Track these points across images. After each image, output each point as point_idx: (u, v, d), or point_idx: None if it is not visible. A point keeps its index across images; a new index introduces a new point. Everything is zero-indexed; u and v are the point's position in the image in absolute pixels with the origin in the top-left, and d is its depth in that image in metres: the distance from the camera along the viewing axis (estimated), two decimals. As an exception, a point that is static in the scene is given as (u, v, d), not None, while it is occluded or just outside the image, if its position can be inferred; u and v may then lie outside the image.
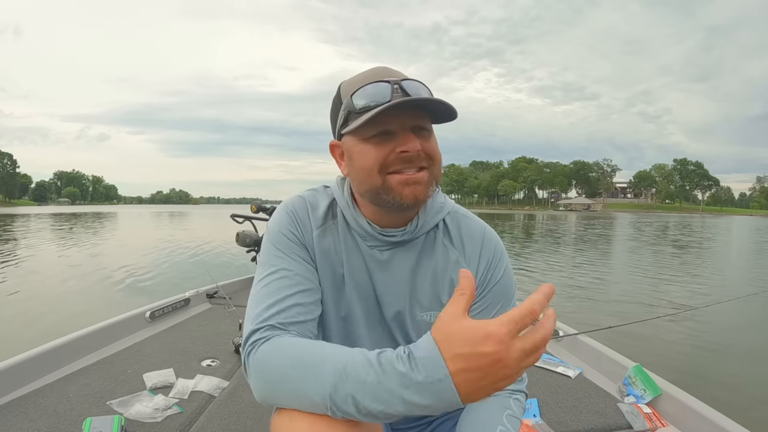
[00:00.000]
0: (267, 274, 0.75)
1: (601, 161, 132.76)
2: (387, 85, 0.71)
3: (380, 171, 0.73)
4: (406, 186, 0.72)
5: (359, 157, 0.74)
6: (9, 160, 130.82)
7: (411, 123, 0.72)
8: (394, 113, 0.70)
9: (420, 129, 0.73)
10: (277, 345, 0.65)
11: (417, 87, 0.73)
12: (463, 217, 0.87)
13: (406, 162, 0.72)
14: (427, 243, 0.84)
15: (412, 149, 0.71)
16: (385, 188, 0.73)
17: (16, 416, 1.45)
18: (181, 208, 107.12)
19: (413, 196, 0.73)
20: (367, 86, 0.72)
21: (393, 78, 0.73)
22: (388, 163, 0.72)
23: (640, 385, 1.71)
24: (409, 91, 0.71)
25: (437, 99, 0.71)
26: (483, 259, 0.83)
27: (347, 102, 0.74)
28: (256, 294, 0.73)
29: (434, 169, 0.75)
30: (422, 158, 0.73)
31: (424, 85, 0.75)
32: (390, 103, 0.68)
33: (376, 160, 0.72)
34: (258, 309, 0.70)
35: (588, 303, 5.55)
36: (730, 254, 13.03)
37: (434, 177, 0.75)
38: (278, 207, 0.85)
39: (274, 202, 3.24)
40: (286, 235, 0.79)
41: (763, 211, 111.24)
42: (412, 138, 0.71)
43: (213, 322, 2.65)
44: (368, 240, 0.82)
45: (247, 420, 1.53)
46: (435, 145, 0.75)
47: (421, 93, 0.72)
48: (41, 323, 4.34)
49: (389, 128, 0.72)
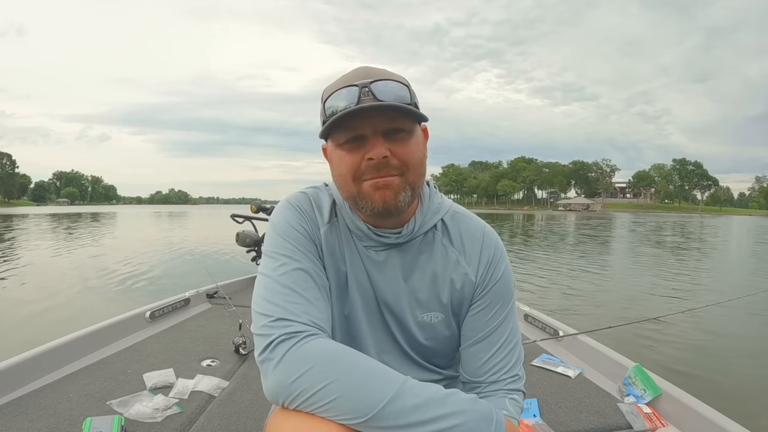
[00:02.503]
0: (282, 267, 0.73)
1: (601, 161, 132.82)
2: (355, 89, 0.70)
3: (354, 179, 0.73)
4: (376, 190, 0.72)
5: (337, 164, 0.75)
6: (8, 161, 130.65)
7: (384, 126, 0.70)
8: (365, 116, 0.70)
9: (394, 132, 0.71)
10: (325, 344, 0.65)
11: (388, 88, 0.71)
12: (463, 216, 0.87)
13: (374, 170, 0.71)
14: (425, 243, 0.83)
15: (377, 156, 0.70)
16: (360, 195, 0.74)
17: (16, 416, 1.45)
18: (181, 208, 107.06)
19: (382, 200, 0.72)
20: (339, 91, 0.71)
21: (367, 80, 0.71)
22: (361, 171, 0.72)
23: (640, 385, 1.71)
24: (378, 93, 0.69)
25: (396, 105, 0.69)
26: (483, 259, 0.83)
27: (321, 107, 0.75)
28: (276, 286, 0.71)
29: (408, 176, 0.73)
30: (392, 165, 0.71)
31: (403, 83, 0.73)
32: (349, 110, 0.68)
33: (349, 167, 0.72)
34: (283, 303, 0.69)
35: (588, 303, 5.56)
36: (730, 254, 13.04)
37: (408, 183, 0.73)
38: (281, 202, 0.84)
39: (273, 202, 3.24)
40: (297, 229, 0.78)
41: (762, 211, 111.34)
42: (379, 144, 0.70)
43: (213, 322, 2.64)
44: (365, 240, 0.82)
45: (247, 420, 1.53)
46: (412, 148, 0.73)
47: (390, 95, 0.70)
48: (41, 323, 4.34)
49: (361, 132, 0.71)
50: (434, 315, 0.83)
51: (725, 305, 4.27)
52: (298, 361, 0.63)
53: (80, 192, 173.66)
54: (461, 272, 0.82)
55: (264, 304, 0.70)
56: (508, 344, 0.82)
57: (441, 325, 0.84)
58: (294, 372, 0.62)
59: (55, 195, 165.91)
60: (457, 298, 0.83)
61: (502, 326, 0.82)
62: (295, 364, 0.62)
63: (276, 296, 0.70)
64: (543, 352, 2.19)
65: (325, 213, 0.82)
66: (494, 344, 0.81)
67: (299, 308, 0.68)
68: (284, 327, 0.66)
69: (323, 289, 0.76)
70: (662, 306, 5.37)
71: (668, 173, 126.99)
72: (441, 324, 0.84)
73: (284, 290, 0.70)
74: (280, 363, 0.63)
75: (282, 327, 0.66)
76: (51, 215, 37.91)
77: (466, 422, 0.61)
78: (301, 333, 0.65)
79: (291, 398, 0.62)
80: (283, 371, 0.63)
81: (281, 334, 0.65)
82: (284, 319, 0.66)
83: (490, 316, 0.82)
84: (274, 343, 0.65)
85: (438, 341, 0.85)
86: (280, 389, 0.63)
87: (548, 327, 2.42)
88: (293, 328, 0.65)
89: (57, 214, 39.81)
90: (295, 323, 0.66)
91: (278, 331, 0.65)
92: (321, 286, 0.75)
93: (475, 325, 0.82)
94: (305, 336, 0.65)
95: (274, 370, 0.63)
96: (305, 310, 0.69)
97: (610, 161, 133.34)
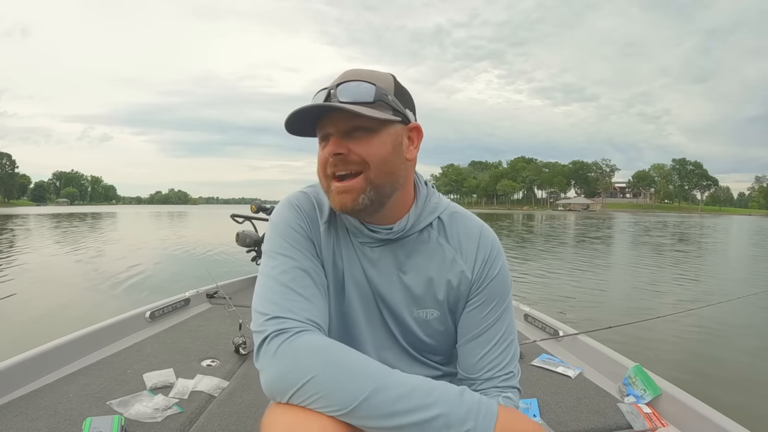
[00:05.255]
0: (281, 266, 0.76)
1: (600, 161, 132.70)
2: (324, 92, 0.74)
3: (324, 175, 0.78)
4: (337, 194, 0.75)
5: (318, 161, 0.79)
6: (8, 161, 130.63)
7: (343, 126, 0.74)
8: (329, 118, 0.74)
9: (354, 130, 0.73)
10: (316, 339, 0.67)
11: (350, 89, 0.73)
12: (461, 216, 0.88)
13: (333, 166, 0.75)
14: (421, 242, 0.84)
15: (329, 153, 0.74)
16: (329, 192, 0.78)
17: (16, 416, 1.45)
18: (180, 208, 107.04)
19: (340, 204, 0.76)
20: (318, 93, 0.76)
21: (340, 81, 0.74)
22: (327, 168, 0.76)
23: (640, 385, 1.71)
24: (341, 95, 0.72)
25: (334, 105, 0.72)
26: (479, 257, 0.84)
27: None
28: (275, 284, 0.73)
29: (369, 174, 0.74)
30: (351, 161, 0.74)
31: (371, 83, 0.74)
32: (297, 109, 0.72)
33: (321, 164, 0.77)
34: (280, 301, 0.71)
35: (588, 303, 5.55)
36: (730, 254, 13.04)
37: (370, 182, 0.74)
38: (281, 201, 0.86)
39: (273, 202, 3.25)
40: (295, 230, 0.80)
41: (762, 211, 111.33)
42: (335, 141, 0.74)
43: (213, 322, 2.64)
44: (359, 236, 0.83)
45: (247, 420, 1.53)
46: (374, 147, 0.74)
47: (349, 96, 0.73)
48: (41, 323, 4.33)
49: (326, 132, 0.76)
50: (430, 312, 0.84)
51: (725, 305, 4.28)
52: (289, 355, 0.65)
53: (80, 192, 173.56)
54: (457, 270, 0.83)
55: (262, 302, 0.72)
56: (503, 341, 0.83)
57: (437, 322, 0.85)
58: (286, 366, 0.64)
59: (55, 195, 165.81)
60: (453, 295, 0.84)
61: (498, 323, 0.83)
62: (287, 357, 0.65)
63: (274, 295, 0.72)
64: (543, 352, 2.19)
65: (325, 211, 0.84)
66: (489, 341, 0.82)
67: (296, 306, 0.71)
68: (279, 323, 0.68)
69: (321, 287, 0.78)
70: (662, 306, 5.37)
71: (668, 173, 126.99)
72: (437, 321, 0.85)
73: (282, 289, 0.72)
74: (273, 358, 0.66)
75: (276, 324, 0.68)
76: (51, 215, 37.88)
77: (450, 412, 0.62)
78: (294, 329, 0.67)
79: (284, 392, 0.64)
80: (277, 366, 0.65)
81: (275, 330, 0.67)
82: (280, 317, 0.69)
83: (486, 313, 0.83)
84: (268, 339, 0.67)
85: (435, 338, 0.87)
86: (274, 383, 0.65)
87: (548, 327, 2.42)
88: (287, 324, 0.68)
89: (57, 214, 39.79)
90: (289, 320, 0.68)
91: (272, 327, 0.68)
92: (319, 284, 0.77)
93: (471, 322, 0.84)
94: (298, 331, 0.67)
95: (269, 365, 0.66)
96: (302, 307, 0.71)
97: (610, 161, 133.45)
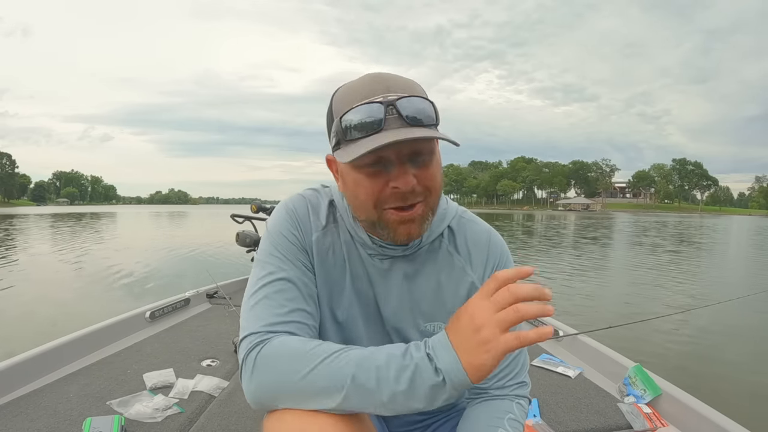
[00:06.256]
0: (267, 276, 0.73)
1: (600, 161, 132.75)
2: (380, 108, 0.64)
3: (375, 206, 0.69)
4: (400, 224, 0.70)
5: (353, 187, 0.70)
6: (8, 161, 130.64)
7: (408, 150, 0.66)
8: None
9: (417, 155, 0.67)
10: (287, 340, 0.65)
11: (414, 106, 0.66)
12: (469, 222, 0.85)
13: (400, 199, 0.68)
14: (431, 251, 0.82)
15: (404, 186, 0.66)
16: (381, 223, 0.71)
17: (16, 416, 1.45)
18: (180, 208, 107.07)
19: (407, 234, 0.71)
20: (359, 107, 0.65)
21: (387, 95, 0.66)
22: (383, 199, 0.68)
23: (640, 385, 1.71)
24: (403, 111, 0.64)
25: (434, 136, 0.65)
26: (489, 265, 0.82)
27: (337, 125, 0.68)
28: (257, 297, 0.71)
29: (430, 200, 0.71)
30: (416, 192, 0.68)
31: (424, 97, 0.68)
32: (380, 146, 0.62)
33: (370, 195, 0.68)
34: (261, 313, 0.69)
35: (588, 303, 5.56)
36: (729, 254, 13.04)
37: (430, 208, 0.72)
38: (278, 205, 0.83)
39: (273, 202, 3.24)
40: (287, 237, 0.77)
41: (762, 211, 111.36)
42: (406, 172, 0.66)
43: (213, 322, 2.64)
44: (368, 249, 0.80)
45: (247, 420, 1.53)
46: (435, 171, 0.70)
47: (417, 113, 0.65)
48: (41, 323, 4.34)
49: (383, 156, 0.65)
50: (437, 325, 0.81)
51: (725, 305, 4.27)
52: (262, 367, 0.63)
53: (80, 192, 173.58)
54: (467, 280, 0.81)
55: (245, 315, 0.70)
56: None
57: None
58: (260, 378, 0.62)
59: (55, 195, 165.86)
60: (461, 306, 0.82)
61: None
62: (260, 370, 0.62)
63: (256, 307, 0.70)
64: (543, 352, 2.19)
65: (322, 217, 0.80)
66: None
67: (275, 318, 0.68)
68: (254, 338, 0.66)
69: (309, 297, 0.75)
70: (662, 306, 5.37)
71: (668, 173, 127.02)
72: None
73: (264, 300, 0.70)
74: (252, 374, 0.63)
75: (252, 339, 0.66)
76: (51, 215, 37.88)
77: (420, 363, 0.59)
78: (264, 341, 0.65)
79: (268, 404, 0.63)
80: (253, 382, 0.63)
81: (253, 344, 0.65)
82: (259, 332, 0.66)
83: None
84: (245, 356, 0.65)
85: None
86: (256, 399, 0.63)
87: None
88: (260, 337, 0.65)
89: (56, 214, 39.79)
90: (263, 333, 0.66)
91: (248, 344, 0.65)
92: (306, 295, 0.74)
93: None
94: (266, 341, 0.65)
95: (248, 384, 0.64)
96: (284, 320, 0.68)
97: (610, 161, 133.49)
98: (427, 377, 0.57)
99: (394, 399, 0.58)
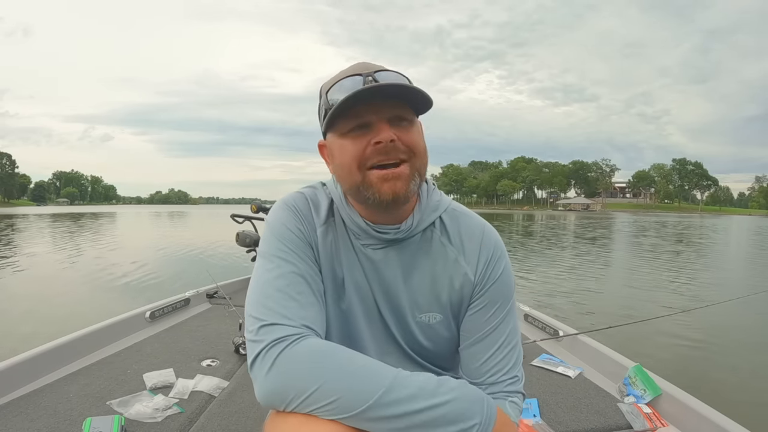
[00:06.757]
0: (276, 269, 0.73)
1: (600, 161, 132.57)
2: (359, 78, 0.71)
3: (359, 167, 0.72)
4: (384, 182, 0.71)
5: (339, 154, 0.74)
6: (8, 161, 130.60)
7: (388, 114, 0.71)
8: (369, 105, 0.70)
9: (399, 119, 0.72)
10: (317, 344, 0.65)
11: (392, 77, 0.72)
12: (462, 214, 0.86)
13: (383, 154, 0.71)
14: (424, 242, 0.82)
15: (385, 139, 0.69)
16: (365, 184, 0.72)
17: (16, 416, 1.45)
18: (180, 208, 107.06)
19: (392, 191, 0.72)
20: (342, 80, 0.72)
21: (368, 71, 0.72)
22: (366, 157, 0.71)
23: (640, 385, 1.71)
24: (382, 81, 0.70)
25: (404, 85, 0.70)
26: (482, 257, 0.82)
27: (323, 99, 0.75)
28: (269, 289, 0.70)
29: (415, 161, 0.73)
30: (400, 150, 0.71)
31: (403, 75, 0.74)
32: (356, 90, 0.68)
33: (354, 154, 0.71)
34: (275, 306, 0.68)
35: (588, 303, 5.56)
36: (730, 254, 13.04)
37: (416, 169, 0.74)
38: (277, 202, 0.83)
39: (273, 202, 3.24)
40: (292, 231, 0.77)
41: (762, 211, 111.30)
42: (386, 128, 0.70)
43: (213, 322, 2.64)
44: (362, 238, 0.80)
45: (247, 420, 1.53)
46: (416, 136, 0.74)
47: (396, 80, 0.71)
48: (41, 323, 4.33)
49: (365, 120, 0.71)
50: (432, 316, 0.82)
51: (725, 305, 4.27)
52: (290, 364, 0.62)
53: (80, 192, 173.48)
54: (460, 272, 0.81)
55: (257, 307, 0.69)
56: (507, 344, 0.80)
57: (440, 326, 0.83)
58: (286, 375, 0.62)
59: (55, 195, 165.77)
60: (456, 297, 0.82)
61: (501, 326, 0.81)
62: (287, 366, 0.62)
63: (269, 300, 0.69)
64: (543, 352, 2.19)
65: (322, 213, 0.81)
66: (493, 344, 0.80)
67: (292, 312, 0.68)
68: (275, 331, 0.65)
69: (318, 292, 0.75)
70: (662, 306, 5.37)
71: (668, 173, 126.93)
72: (440, 325, 0.83)
73: (277, 294, 0.70)
74: (272, 368, 0.63)
75: (274, 332, 0.65)
76: (50, 215, 37.88)
77: (458, 403, 0.62)
78: (291, 336, 0.65)
79: (286, 402, 0.62)
80: (275, 375, 0.62)
81: (273, 340, 0.64)
82: (276, 324, 0.66)
83: (489, 315, 0.80)
84: (266, 348, 0.64)
85: (438, 342, 0.84)
86: (274, 394, 0.62)
87: (548, 327, 2.42)
88: (285, 332, 0.65)
89: (56, 214, 39.79)
90: (286, 327, 0.66)
91: (270, 336, 0.65)
92: (316, 291, 0.74)
93: (474, 325, 0.81)
94: (297, 338, 0.65)
95: (266, 376, 0.63)
96: (298, 314, 0.68)
97: (610, 161, 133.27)
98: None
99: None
